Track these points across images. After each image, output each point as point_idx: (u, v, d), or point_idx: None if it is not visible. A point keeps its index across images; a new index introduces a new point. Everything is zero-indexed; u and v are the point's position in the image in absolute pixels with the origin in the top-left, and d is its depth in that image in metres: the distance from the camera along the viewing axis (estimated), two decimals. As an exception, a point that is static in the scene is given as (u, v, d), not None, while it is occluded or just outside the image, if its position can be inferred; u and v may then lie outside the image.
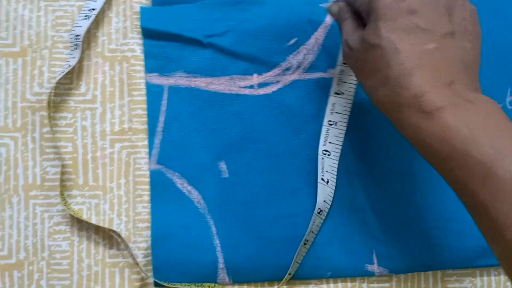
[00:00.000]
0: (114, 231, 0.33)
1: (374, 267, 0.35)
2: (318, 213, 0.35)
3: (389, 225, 0.36)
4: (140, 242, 0.34)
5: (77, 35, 0.35)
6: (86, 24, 0.35)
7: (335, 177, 0.34)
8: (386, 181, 0.36)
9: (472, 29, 0.28)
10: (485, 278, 0.37)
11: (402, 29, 0.25)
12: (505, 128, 0.24)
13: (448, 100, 0.25)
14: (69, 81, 0.35)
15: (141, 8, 0.35)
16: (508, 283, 0.37)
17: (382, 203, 0.36)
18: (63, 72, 0.34)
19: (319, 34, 0.37)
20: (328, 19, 0.37)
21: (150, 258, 0.34)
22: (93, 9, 0.35)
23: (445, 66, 0.26)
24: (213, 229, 0.34)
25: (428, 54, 0.25)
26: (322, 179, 0.35)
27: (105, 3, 0.36)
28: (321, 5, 0.37)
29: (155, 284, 0.34)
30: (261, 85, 0.36)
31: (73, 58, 0.35)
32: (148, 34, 0.35)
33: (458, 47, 0.27)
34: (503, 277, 0.37)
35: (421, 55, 0.25)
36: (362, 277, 0.35)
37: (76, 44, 0.35)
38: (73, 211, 0.33)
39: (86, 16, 0.35)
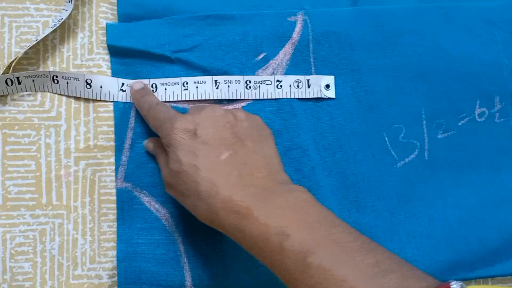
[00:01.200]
0: None
1: (345, 284, 0.34)
2: None
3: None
4: (105, 262, 0.33)
5: None
6: None
7: None
8: (357, 194, 0.36)
9: (258, 133, 0.31)
10: (457, 292, 0.36)
11: (196, 150, 0.29)
12: (315, 219, 0.27)
13: (255, 198, 0.27)
14: (33, 98, 0.34)
15: (107, 25, 0.35)
16: (480, 297, 0.37)
17: (353, 217, 0.35)
18: (55, 25, 0.34)
19: (287, 49, 0.37)
20: (296, 35, 0.37)
21: (115, 279, 0.33)
22: None
23: (244, 168, 0.29)
24: (181, 247, 0.34)
25: (225, 162, 0.29)
26: None
27: (70, 19, 0.36)
28: (289, 18, 0.37)
29: (121, 305, 0.33)
30: (230, 100, 0.36)
31: (66, 10, 0.35)
32: (115, 51, 0.35)
33: (250, 149, 0.30)
34: (475, 291, 0.37)
35: (219, 165, 0.29)
36: (333, 294, 0.35)
37: None
38: None
39: None
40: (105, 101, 0.35)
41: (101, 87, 0.34)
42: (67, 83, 0.33)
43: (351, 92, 0.37)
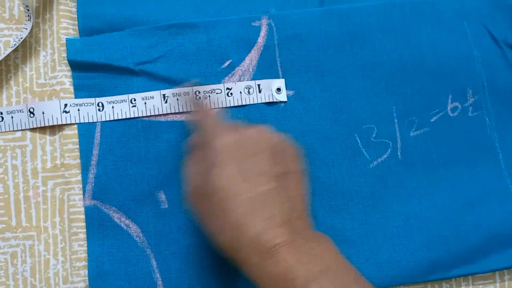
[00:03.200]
0: None
1: (321, 290, 0.34)
2: None
3: (335, 243, 0.35)
4: (77, 282, 0.33)
5: (27, 6, 0.34)
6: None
7: None
8: (330, 198, 0.35)
9: (300, 168, 0.30)
10: (437, 292, 0.36)
11: (237, 174, 0.27)
12: (342, 270, 0.26)
13: (285, 238, 0.26)
14: (-2, 119, 0.34)
15: (67, 40, 0.35)
16: (461, 295, 0.36)
17: (328, 221, 0.35)
18: (15, 45, 0.34)
19: (253, 55, 0.36)
20: (261, 40, 0.36)
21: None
22: None
23: (279, 205, 0.27)
24: (154, 263, 0.33)
25: (262, 196, 0.27)
26: None
27: (32, 37, 0.35)
28: (253, 23, 0.36)
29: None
30: (198, 109, 0.36)
31: (26, 29, 0.34)
32: (76, 66, 0.34)
33: (290, 186, 0.28)
34: (455, 290, 0.36)
35: (255, 198, 0.27)
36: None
37: (29, 16, 0.34)
38: None
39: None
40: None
41: (43, 113, 0.33)
42: (12, 117, 0.33)
43: (320, 94, 0.37)
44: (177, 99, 0.33)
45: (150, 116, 0.35)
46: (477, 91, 0.38)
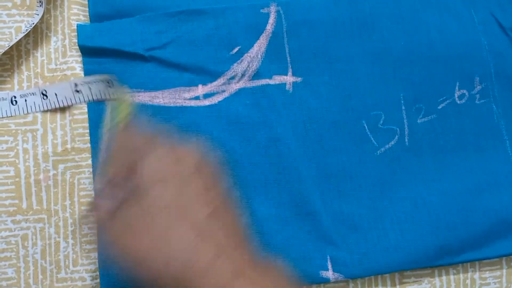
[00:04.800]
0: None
1: (329, 274, 0.34)
2: None
3: (343, 229, 0.35)
4: (88, 264, 0.33)
5: None
6: None
7: None
8: (338, 184, 0.36)
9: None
10: (444, 277, 0.36)
11: None
12: None
13: None
14: (9, 103, 0.35)
15: (78, 25, 0.35)
16: (468, 281, 0.36)
17: (336, 207, 0.35)
18: (27, 30, 0.34)
19: (262, 42, 0.36)
20: (269, 27, 0.37)
21: (98, 280, 0.33)
22: None
23: None
24: (163, 245, 0.34)
25: None
26: None
27: (43, 23, 0.36)
28: (262, 10, 0.37)
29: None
30: (206, 95, 0.36)
31: (37, 15, 0.34)
32: (87, 51, 0.35)
33: None
34: (462, 276, 0.36)
35: None
36: (317, 284, 0.35)
37: (41, 2, 0.34)
38: None
39: None
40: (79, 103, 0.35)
41: (55, 94, 0.33)
42: (26, 100, 0.33)
43: (329, 81, 0.37)
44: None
45: (160, 101, 0.35)
46: (484, 78, 0.38)
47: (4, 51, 0.34)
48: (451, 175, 0.37)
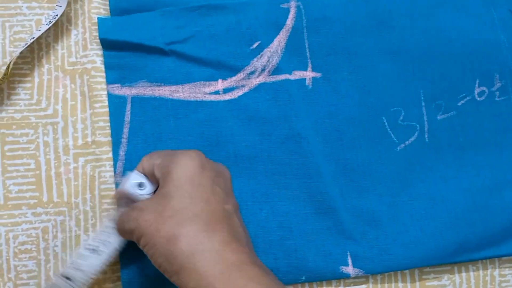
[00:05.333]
0: None
1: (349, 269, 0.34)
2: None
3: (363, 225, 0.35)
4: (108, 257, 0.33)
5: None
6: None
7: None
8: (358, 179, 0.36)
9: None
10: (464, 274, 0.36)
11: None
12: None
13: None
14: (30, 96, 0.34)
15: (99, 19, 0.35)
16: (488, 278, 0.36)
17: (355, 202, 0.35)
18: (50, 22, 0.34)
19: (281, 37, 0.36)
20: (289, 22, 0.37)
21: (119, 273, 0.33)
22: None
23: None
24: (183, 239, 0.34)
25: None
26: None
27: (63, 16, 0.36)
28: (282, 5, 0.37)
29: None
30: (226, 90, 0.36)
31: (60, 7, 0.34)
32: (108, 45, 0.35)
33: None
34: (481, 272, 0.36)
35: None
36: (337, 279, 0.35)
37: None
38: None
39: None
40: (100, 96, 0.35)
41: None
42: None
43: (348, 77, 0.37)
44: None
45: (180, 95, 0.35)
46: (504, 75, 0.38)
47: (27, 44, 0.34)
48: (470, 172, 0.37)
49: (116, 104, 0.35)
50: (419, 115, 0.37)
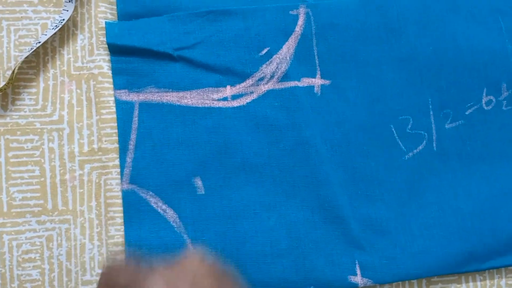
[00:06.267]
0: None
1: (358, 279, 0.34)
2: None
3: (372, 234, 0.35)
4: (114, 266, 0.33)
5: None
6: None
7: None
8: (366, 188, 0.35)
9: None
10: (471, 283, 0.36)
11: None
12: None
13: None
14: (35, 102, 0.34)
15: (107, 23, 0.34)
16: None
17: (364, 211, 0.35)
18: (56, 26, 0.33)
19: (290, 43, 0.36)
20: (298, 28, 0.36)
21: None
22: None
23: None
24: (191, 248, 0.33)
25: None
26: None
27: (70, 21, 0.35)
28: (291, 12, 0.36)
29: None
30: (234, 96, 0.35)
31: (66, 11, 0.34)
32: (115, 50, 0.34)
33: None
34: (488, 282, 0.36)
35: None
36: (346, 289, 0.34)
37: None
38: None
39: None
40: (107, 102, 0.34)
41: None
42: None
43: (357, 85, 0.36)
44: None
45: (188, 101, 0.35)
46: (511, 85, 0.38)
47: (34, 48, 0.33)
48: (478, 181, 0.37)
49: (123, 110, 0.34)
50: (427, 123, 0.37)
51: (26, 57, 0.34)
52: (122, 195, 0.33)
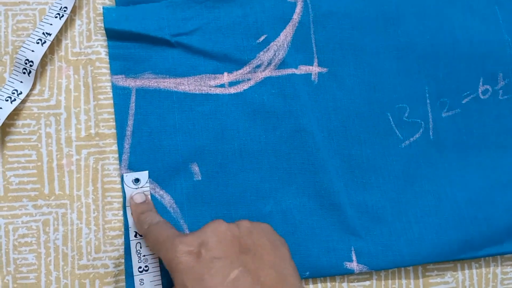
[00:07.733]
0: None
1: (354, 265, 0.34)
2: None
3: (367, 221, 0.35)
4: (111, 251, 0.33)
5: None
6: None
7: None
8: (362, 175, 0.36)
9: (270, 243, 0.29)
10: (466, 271, 0.36)
11: (202, 274, 0.26)
12: None
13: None
14: (32, 86, 0.34)
15: (104, 8, 0.34)
16: (490, 276, 0.36)
17: (360, 198, 0.35)
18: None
19: (288, 31, 0.36)
20: (296, 16, 0.36)
21: (122, 267, 0.33)
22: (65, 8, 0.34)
23: (257, 286, 0.26)
24: (187, 233, 0.33)
25: (234, 282, 0.26)
26: None
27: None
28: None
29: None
30: (232, 83, 0.36)
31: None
32: (113, 35, 0.34)
33: (262, 262, 0.28)
34: (484, 270, 0.36)
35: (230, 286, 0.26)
36: (341, 275, 0.35)
37: None
38: None
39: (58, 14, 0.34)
40: (104, 88, 0.34)
41: None
42: None
43: (354, 73, 0.37)
44: None
45: (185, 88, 0.35)
46: (507, 74, 0.38)
47: (52, 40, 0.33)
48: (474, 170, 0.37)
49: (120, 95, 0.34)
50: (424, 112, 0.37)
51: (23, 41, 0.34)
52: (121, 180, 0.33)
